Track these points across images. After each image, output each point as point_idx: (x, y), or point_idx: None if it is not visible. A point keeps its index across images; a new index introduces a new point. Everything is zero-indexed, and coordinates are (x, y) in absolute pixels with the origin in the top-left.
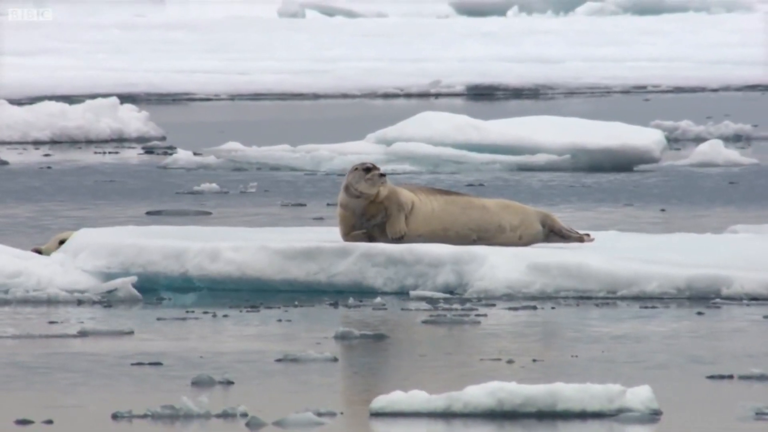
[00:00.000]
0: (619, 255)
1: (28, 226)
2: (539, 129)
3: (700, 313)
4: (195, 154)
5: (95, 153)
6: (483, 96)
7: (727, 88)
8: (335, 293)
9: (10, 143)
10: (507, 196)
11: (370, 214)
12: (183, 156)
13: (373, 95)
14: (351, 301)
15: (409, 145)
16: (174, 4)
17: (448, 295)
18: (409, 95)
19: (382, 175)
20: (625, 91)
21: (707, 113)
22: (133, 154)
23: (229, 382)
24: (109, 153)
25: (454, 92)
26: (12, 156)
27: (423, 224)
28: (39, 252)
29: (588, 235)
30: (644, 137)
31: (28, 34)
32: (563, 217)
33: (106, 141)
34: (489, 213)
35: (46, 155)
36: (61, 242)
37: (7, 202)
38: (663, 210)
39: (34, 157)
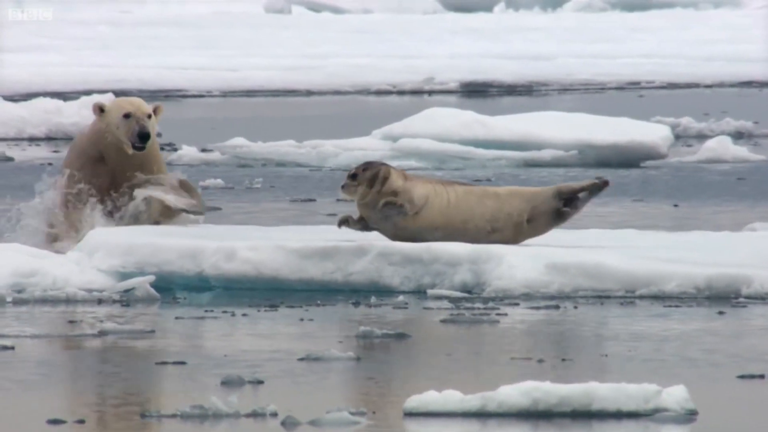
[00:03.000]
0: (637, 254)
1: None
2: (545, 125)
3: (721, 313)
4: (203, 150)
5: None
6: (476, 93)
7: (721, 85)
8: (352, 292)
9: (5, 139)
10: None
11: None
12: (187, 152)
13: (365, 92)
14: (373, 299)
15: (415, 141)
16: (154, 1)
17: (466, 294)
18: (402, 92)
19: (343, 186)
20: (620, 88)
21: (704, 110)
22: None
23: (259, 382)
24: None
25: (447, 89)
26: (15, 152)
27: (439, 216)
28: (102, 110)
29: (600, 178)
30: (651, 133)
31: (11, 31)
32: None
33: None
34: (500, 201)
35: (55, 151)
36: (126, 116)
37: (20, 197)
38: (676, 205)
39: (41, 152)
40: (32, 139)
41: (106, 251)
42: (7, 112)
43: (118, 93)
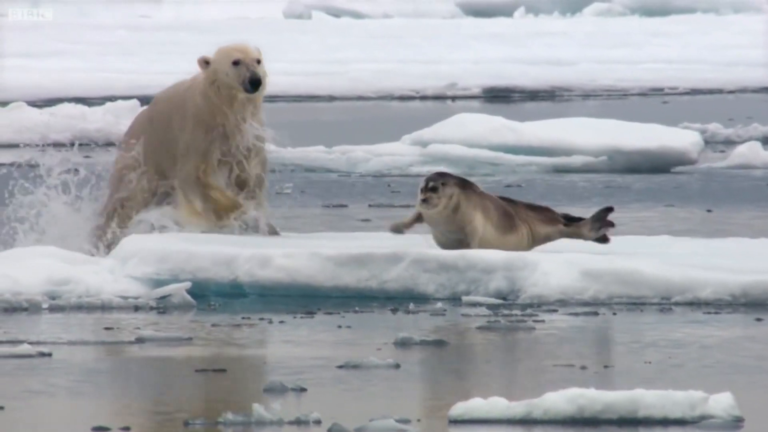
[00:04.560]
0: (672, 261)
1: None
2: (575, 130)
3: (759, 320)
4: None
5: None
6: (499, 98)
7: (744, 90)
8: (386, 299)
9: (29, 145)
10: (544, 197)
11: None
12: None
13: (388, 97)
14: (411, 306)
15: (444, 146)
16: (171, 3)
17: (501, 301)
18: (424, 97)
19: (425, 200)
20: (642, 94)
21: (728, 115)
22: None
23: (302, 389)
24: None
25: (470, 94)
26: (45, 158)
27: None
28: (207, 63)
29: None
30: (682, 139)
31: (30, 36)
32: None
33: None
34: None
35: (86, 156)
36: (235, 63)
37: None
38: (710, 211)
39: (70, 158)
40: (56, 145)
41: (139, 258)
42: (31, 117)
43: (141, 99)
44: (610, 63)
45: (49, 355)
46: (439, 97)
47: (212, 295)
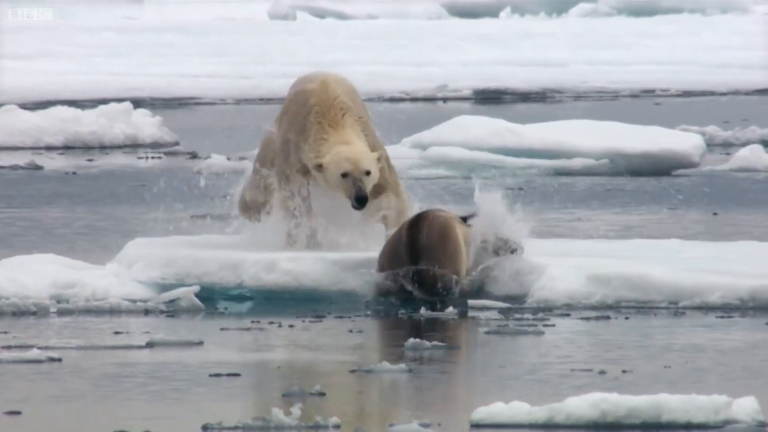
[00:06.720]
0: (680, 265)
1: (79, 233)
2: (576, 133)
3: None
4: (241, 158)
5: (138, 158)
6: (490, 100)
7: (736, 93)
8: (392, 304)
9: (22, 148)
10: (545, 200)
11: None
12: (216, 161)
13: (379, 99)
14: (423, 311)
15: (444, 149)
16: (152, 3)
17: (508, 305)
18: (415, 99)
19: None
20: (634, 95)
21: (723, 118)
22: (175, 160)
23: (321, 394)
24: (151, 158)
25: (461, 96)
26: (43, 161)
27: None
28: (320, 166)
29: None
30: (683, 141)
31: (18, 38)
32: (613, 220)
33: (119, 146)
34: None
35: (89, 160)
36: (344, 175)
37: (67, 206)
38: (715, 214)
39: (69, 161)
40: (49, 148)
41: (145, 263)
42: (24, 120)
43: (133, 101)
44: (600, 64)
45: (59, 360)
46: (429, 99)
47: (218, 299)
